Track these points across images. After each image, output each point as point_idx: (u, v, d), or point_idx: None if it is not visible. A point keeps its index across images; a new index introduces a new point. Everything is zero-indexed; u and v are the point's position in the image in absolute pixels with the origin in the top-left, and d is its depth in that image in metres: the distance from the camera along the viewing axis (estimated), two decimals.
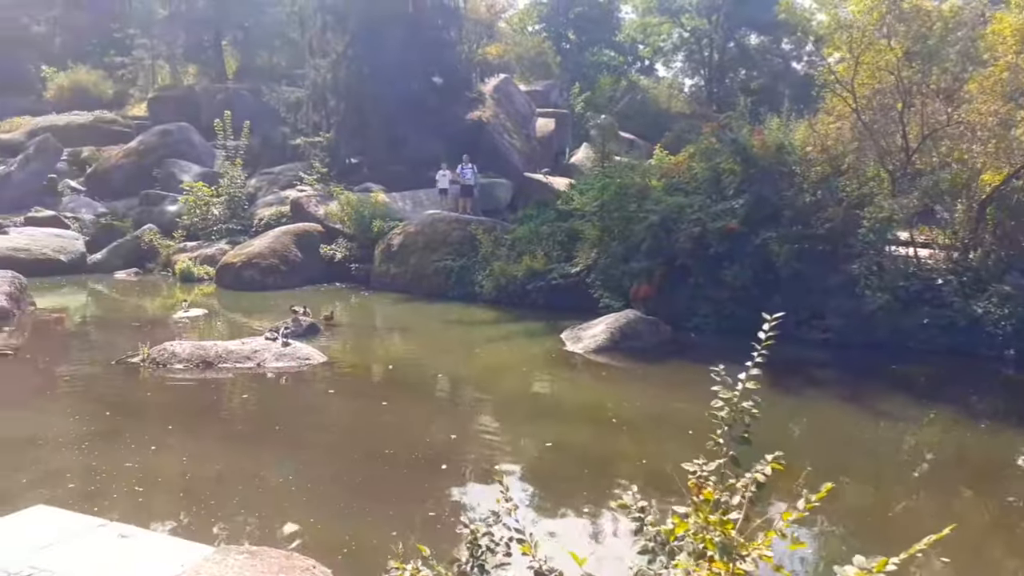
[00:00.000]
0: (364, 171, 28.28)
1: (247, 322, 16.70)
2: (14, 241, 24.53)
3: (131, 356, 11.63)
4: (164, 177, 30.42)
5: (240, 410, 9.45)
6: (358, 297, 20.61)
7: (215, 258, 23.66)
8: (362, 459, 7.53)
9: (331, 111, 30.25)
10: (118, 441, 7.76)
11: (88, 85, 43.33)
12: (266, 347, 11.88)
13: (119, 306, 19.41)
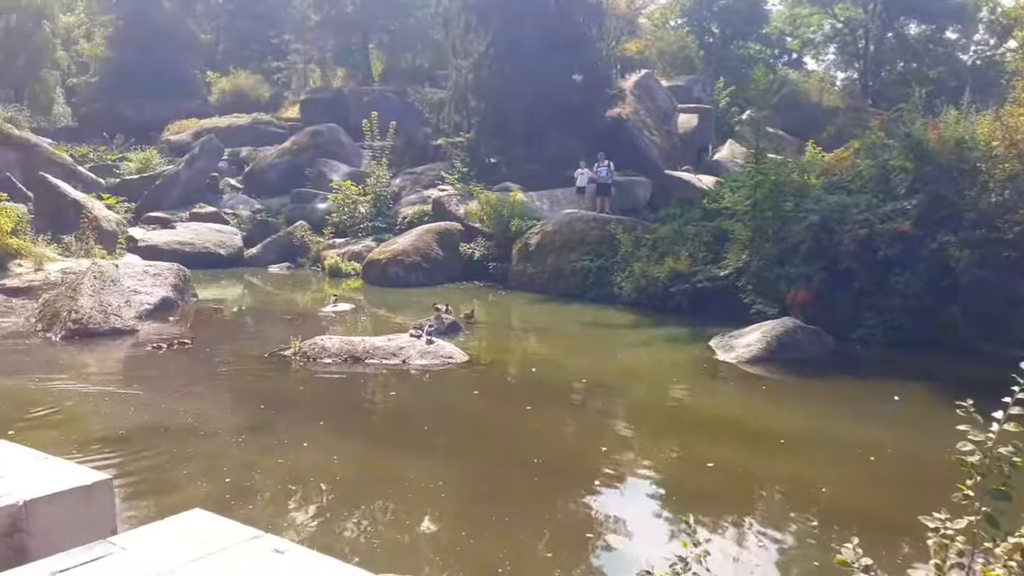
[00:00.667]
0: (503, 170, 28.32)
1: (391, 318, 16.98)
2: (180, 235, 26.31)
3: (283, 349, 11.97)
4: (315, 176, 31.80)
5: (388, 409, 9.44)
6: (495, 296, 20.58)
7: (361, 254, 24.40)
8: (513, 468, 7.23)
9: (472, 111, 30.55)
10: (272, 435, 7.87)
11: (247, 89, 45.94)
12: (411, 344, 11.91)
13: (272, 299, 20.30)
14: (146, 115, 41.30)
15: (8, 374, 10.39)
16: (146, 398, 9.18)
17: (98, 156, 36.18)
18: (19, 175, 28.02)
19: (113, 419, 8.30)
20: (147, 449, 7.32)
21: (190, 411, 8.57)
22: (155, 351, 12.04)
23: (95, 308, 13.33)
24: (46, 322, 13.22)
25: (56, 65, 45.44)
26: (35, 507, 4.08)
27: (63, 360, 11.55)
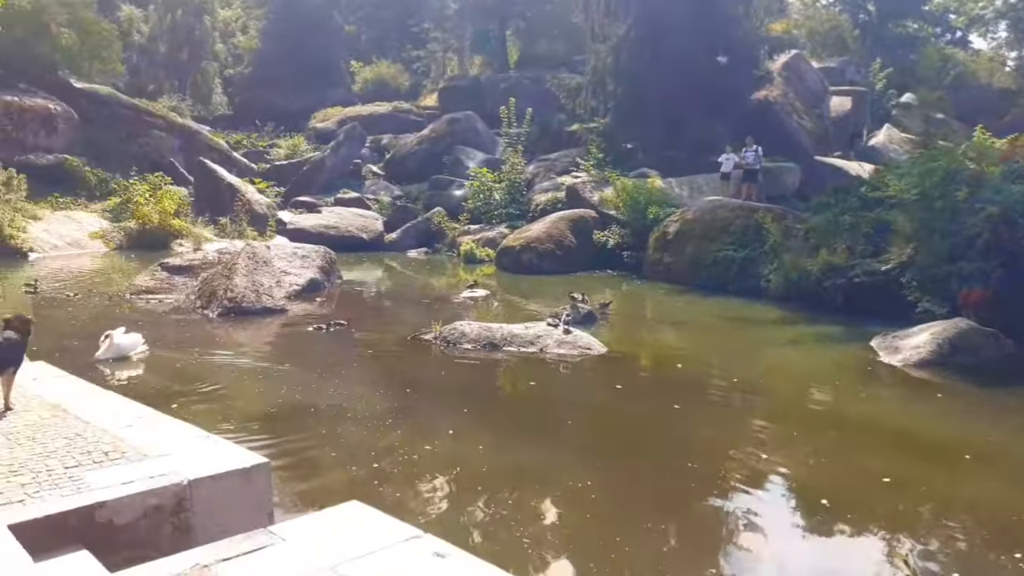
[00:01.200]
0: (639, 156, 27.61)
1: (525, 305, 16.86)
2: (325, 219, 27.36)
3: (424, 333, 12.05)
4: (452, 163, 32.27)
5: (529, 399, 9.20)
6: (629, 286, 20.08)
7: (495, 241, 24.50)
8: (666, 472, 6.82)
9: (609, 96, 30.01)
10: (418, 420, 7.83)
11: (388, 78, 47.20)
12: (548, 333, 11.69)
13: (410, 282, 20.70)
14: (294, 104, 43.18)
15: (171, 348, 10.98)
16: (297, 377, 9.42)
17: (251, 143, 38.28)
18: (182, 160, 30.06)
19: (266, 397, 8.54)
20: (298, 429, 7.46)
21: (338, 392, 8.70)
22: (316, 331, 12.32)
23: (248, 288, 13.94)
24: (204, 299, 13.95)
25: (215, 57, 48.35)
26: (199, 486, 4.11)
27: (220, 337, 12.13)
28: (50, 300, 14.64)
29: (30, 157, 24.72)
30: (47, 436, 5.01)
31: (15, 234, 20.52)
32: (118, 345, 9.97)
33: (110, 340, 9.87)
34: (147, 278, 15.57)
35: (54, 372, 7.45)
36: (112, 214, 25.22)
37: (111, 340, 9.88)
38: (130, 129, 29.74)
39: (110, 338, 9.87)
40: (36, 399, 6.08)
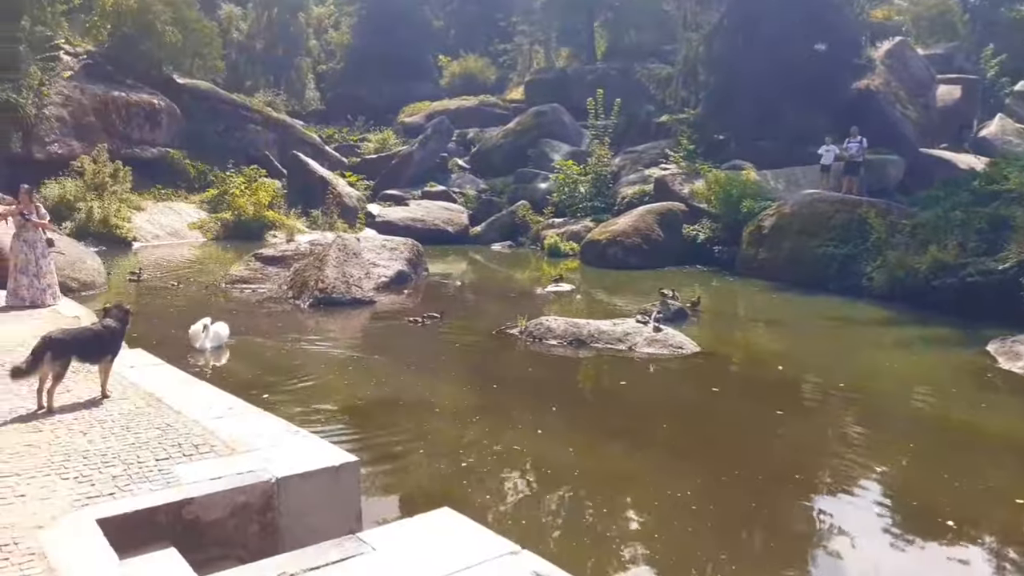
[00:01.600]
0: (731, 147, 26.73)
1: (610, 301, 16.49)
2: (412, 212, 27.61)
3: (509, 327, 11.87)
4: (537, 156, 32.02)
5: (621, 399, 8.83)
6: (720, 282, 19.40)
7: (580, 234, 24.16)
8: (773, 483, 6.34)
9: (700, 86, 29.17)
10: (506, 418, 7.63)
11: (475, 71, 47.30)
12: (637, 330, 11.32)
13: (494, 276, 20.60)
14: (383, 98, 43.75)
15: (264, 338, 11.15)
16: (385, 369, 9.38)
17: (341, 137, 39.00)
18: (276, 153, 30.86)
19: (355, 388, 8.51)
20: (386, 424, 7.38)
21: (426, 385, 8.60)
22: (411, 324, 12.28)
23: (339, 279, 14.08)
24: (296, 290, 14.18)
25: (308, 53, 49.51)
26: (287, 485, 4.00)
27: (310, 327, 12.26)
28: (151, 288, 15.18)
29: (135, 150, 25.83)
30: (140, 426, 5.04)
31: (120, 224, 21.44)
32: (217, 334, 10.13)
33: (208, 329, 10.01)
34: (242, 268, 15.95)
35: (151, 360, 7.60)
36: (210, 205, 26.11)
37: (209, 329, 10.01)
38: (228, 123, 30.74)
39: (207, 328, 10.00)
40: (132, 387, 6.18)
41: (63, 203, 20.77)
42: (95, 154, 22.37)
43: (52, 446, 4.59)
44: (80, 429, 4.94)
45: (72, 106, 24.17)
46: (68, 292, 13.33)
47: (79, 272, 14.19)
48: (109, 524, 3.43)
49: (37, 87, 22.52)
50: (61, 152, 23.09)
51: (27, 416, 5.31)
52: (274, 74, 46.04)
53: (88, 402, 5.81)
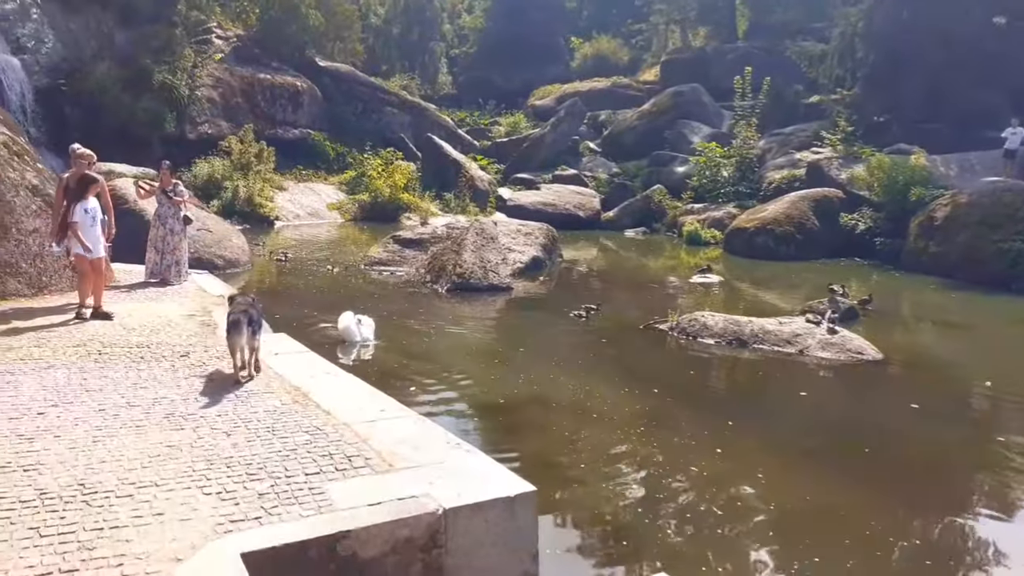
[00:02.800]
0: (893, 130, 24.47)
1: (763, 295, 15.21)
2: (543, 196, 26.96)
3: (658, 322, 10.97)
4: (674, 138, 30.61)
5: (804, 414, 7.61)
6: (882, 277, 17.63)
7: (722, 222, 22.77)
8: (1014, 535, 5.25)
9: (858, 64, 26.89)
10: (675, 431, 6.70)
11: (607, 53, 46.08)
12: (808, 331, 10.13)
13: (632, 264, 19.59)
14: (514, 82, 43.37)
15: (405, 323, 10.74)
16: (532, 364, 8.70)
17: (472, 120, 38.83)
18: (410, 136, 30.97)
19: (503, 386, 7.87)
20: (543, 431, 6.66)
21: (577, 385, 7.84)
22: (577, 319, 11.40)
23: (476, 264, 13.58)
24: (434, 274, 13.78)
25: (443, 37, 49.74)
26: (456, 518, 3.32)
27: (450, 314, 11.77)
28: (292, 268, 15.22)
29: (278, 131, 26.47)
30: (287, 428, 4.54)
31: (264, 203, 21.93)
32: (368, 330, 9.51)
33: (361, 323, 9.42)
34: (380, 250, 15.78)
35: (295, 347, 7.24)
36: (347, 187, 26.43)
37: (363, 323, 9.44)
38: (366, 105, 31.11)
39: (361, 322, 9.43)
40: (278, 380, 5.76)
41: (211, 182, 21.43)
42: (242, 134, 22.98)
43: (194, 449, 4.16)
44: (224, 429, 4.51)
45: (222, 88, 24.98)
46: (213, 269, 13.48)
47: (225, 250, 14.37)
48: (254, 559, 2.88)
49: (191, 69, 23.35)
50: (211, 132, 23.90)
51: (169, 407, 4.95)
52: (408, 58, 46.52)
53: (229, 385, 5.44)
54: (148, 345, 6.94)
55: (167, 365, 6.18)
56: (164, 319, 8.21)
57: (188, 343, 7.10)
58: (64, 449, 4.10)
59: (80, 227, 8.07)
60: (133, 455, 4.04)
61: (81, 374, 5.76)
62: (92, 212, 8.24)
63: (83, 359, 6.26)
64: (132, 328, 7.65)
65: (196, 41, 24.34)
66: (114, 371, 5.91)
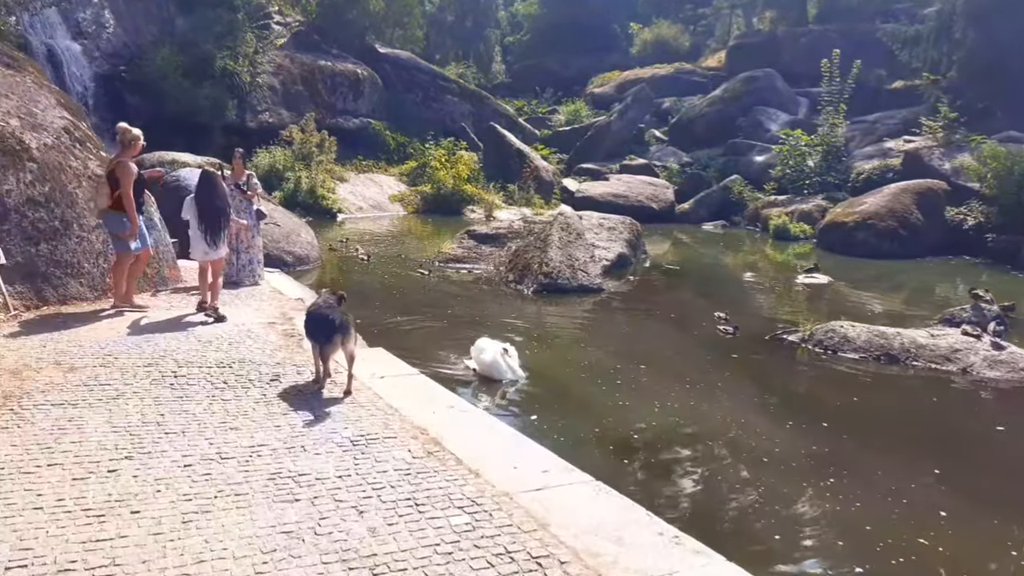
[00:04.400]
0: (997, 116, 22.52)
1: (879, 299, 13.68)
2: (613, 187, 25.57)
3: (786, 332, 9.64)
4: (749, 125, 28.96)
5: (994, 451, 6.35)
6: (999, 277, 15.92)
7: (811, 215, 21.18)
8: None
9: (956, 45, 24.88)
10: (871, 483, 5.23)
11: (668, 38, 44.42)
12: (968, 346, 8.72)
13: (717, 261, 18.17)
14: (571, 69, 42.04)
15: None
16: (659, 384, 7.45)
17: (530, 109, 37.54)
18: (471, 125, 29.82)
19: (638, 415, 6.60)
20: (704, 477, 5.43)
21: (727, 416, 6.56)
22: (724, 334, 9.71)
23: (563, 262, 12.38)
24: (517, 272, 12.63)
25: (497, 24, 48.51)
26: None
27: (547, 320, 10.58)
28: (364, 265, 14.20)
29: (339, 120, 25.56)
30: (433, 500, 3.42)
31: (326, 195, 21.03)
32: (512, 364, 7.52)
33: (507, 354, 7.50)
34: (455, 246, 14.68)
35: (399, 366, 6.14)
36: (409, 178, 25.43)
37: (509, 354, 7.52)
38: (426, 93, 30.04)
39: (507, 352, 7.48)
40: (394, 416, 4.65)
41: (272, 172, 20.60)
42: (303, 123, 22.12)
43: (319, 537, 3.05)
44: (351, 501, 3.40)
45: (283, 75, 24.13)
46: (283, 267, 12.56)
47: (293, 245, 13.41)
48: None
49: (252, 55, 22.54)
50: (271, 121, 23.08)
51: (272, 461, 3.87)
52: (462, 47, 45.47)
53: (337, 423, 4.34)
54: (230, 364, 5.91)
55: (257, 394, 5.13)
56: (242, 329, 7.20)
57: (275, 362, 6.06)
58: (146, 536, 3.04)
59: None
60: (239, 548, 2.95)
61: (157, 407, 4.74)
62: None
63: (157, 384, 5.25)
64: (208, 341, 6.65)
65: (256, 26, 23.51)
66: (196, 403, 4.87)
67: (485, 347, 7.48)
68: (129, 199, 7.50)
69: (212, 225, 7.64)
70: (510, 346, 7.57)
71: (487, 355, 7.41)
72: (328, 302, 5.60)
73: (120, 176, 7.49)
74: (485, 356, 7.43)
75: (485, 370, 7.41)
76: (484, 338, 7.73)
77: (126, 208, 7.50)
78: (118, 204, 7.50)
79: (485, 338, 7.73)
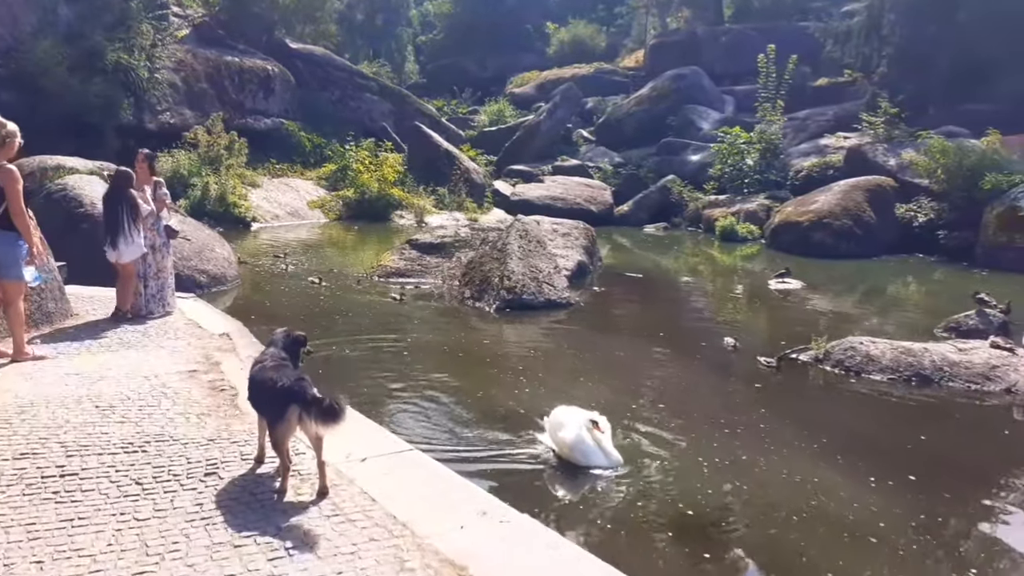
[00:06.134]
0: (930, 113, 22.45)
1: (860, 304, 12.86)
2: (550, 189, 24.32)
3: (795, 351, 8.47)
4: (680, 124, 28.33)
5: None
6: (956, 275, 15.50)
7: (756, 215, 20.48)
8: None
9: (884, 41, 24.84)
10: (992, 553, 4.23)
11: (585, 38, 43.99)
12: (1003, 360, 7.75)
13: (674, 266, 17.10)
14: (488, 70, 41.14)
15: (478, 364, 8.04)
16: (698, 432, 5.99)
17: (451, 109, 36.06)
18: (392, 126, 28.01)
19: (689, 479, 5.02)
20: (807, 570, 4.08)
21: (791, 471, 5.17)
22: (767, 366, 8.08)
23: (526, 274, 10.93)
24: (474, 288, 11.09)
25: (409, 23, 46.88)
26: None
27: (523, 345, 9.03)
28: (293, 283, 12.33)
29: (248, 120, 23.33)
30: None
31: (238, 202, 18.91)
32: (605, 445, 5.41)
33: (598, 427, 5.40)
34: (396, 258, 13.00)
35: (383, 440, 4.53)
36: (328, 182, 23.45)
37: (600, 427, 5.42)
38: (343, 92, 28.02)
39: (597, 425, 5.39)
40: (404, 536, 3.06)
41: (176, 178, 18.32)
42: (210, 124, 19.90)
43: None
44: None
45: (185, 71, 21.73)
46: (196, 289, 10.65)
47: (207, 262, 11.46)
48: None
49: (149, 48, 20.10)
50: (173, 122, 20.69)
51: None
52: (373, 46, 43.64)
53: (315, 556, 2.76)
54: (143, 446, 4.19)
55: (188, 504, 3.46)
56: (156, 384, 5.44)
57: (206, 437, 4.38)
58: None
59: None
60: None
61: (30, 540, 3.01)
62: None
63: (36, 488, 3.50)
64: (110, 406, 4.88)
65: (152, 18, 21.04)
66: (95, 528, 3.17)
67: (565, 420, 5.45)
68: (22, 213, 5.68)
69: (110, 223, 7.31)
70: (601, 417, 5.46)
71: (568, 432, 5.36)
72: (279, 356, 3.98)
73: (5, 184, 5.64)
74: (566, 434, 5.36)
75: (568, 454, 5.37)
76: (562, 407, 5.69)
77: (18, 225, 5.70)
78: (4, 221, 5.68)
79: (563, 407, 5.69)
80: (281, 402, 3.51)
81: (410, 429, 5.65)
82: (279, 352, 3.98)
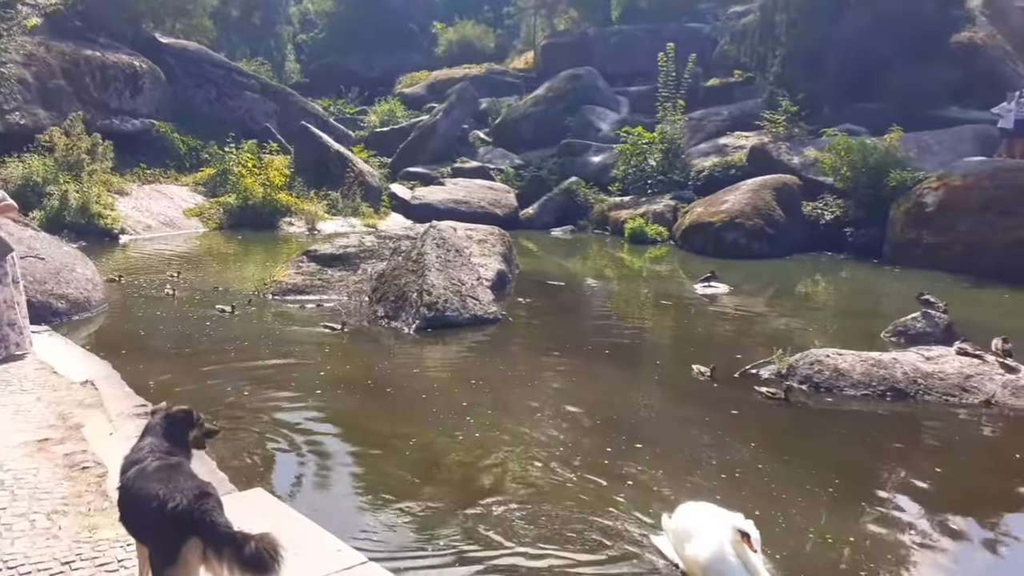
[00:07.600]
0: (824, 112, 22.76)
1: (797, 308, 12.40)
2: (453, 193, 23.16)
3: (759, 367, 7.70)
4: (578, 125, 27.77)
5: None
6: (865, 273, 15.54)
7: (664, 216, 20.05)
8: None
9: (776, 41, 25.12)
10: None
11: (473, 39, 43.19)
12: (977, 369, 7.24)
13: (590, 271, 16.38)
14: (374, 69, 39.68)
15: (410, 400, 6.80)
16: (680, 477, 5.06)
17: (337, 109, 34.29)
18: (276, 126, 26.06)
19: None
20: None
21: (801, 518, 4.31)
22: (771, 400, 6.89)
23: (448, 288, 9.75)
24: (388, 305, 9.80)
25: (289, 21, 44.60)
26: None
27: (457, 374, 7.80)
28: (172, 306, 10.61)
29: (113, 121, 20.89)
30: None
31: (103, 212, 16.70)
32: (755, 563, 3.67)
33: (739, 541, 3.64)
34: (292, 272, 11.47)
35: (323, 548, 3.28)
36: (207, 188, 21.36)
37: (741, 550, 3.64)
38: (220, 90, 25.76)
39: (743, 541, 3.63)
40: None
41: (29, 187, 15.98)
42: (68, 125, 17.55)
43: None
44: None
45: (36, 66, 19.13)
46: (53, 318, 8.90)
47: (66, 286, 9.63)
48: None
49: None
50: (24, 123, 18.11)
51: None
52: (251, 44, 41.14)
53: None
54: None
55: None
56: None
57: (58, 557, 2.99)
58: None
59: None
60: None
61: None
62: None
63: None
64: None
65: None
66: None
67: (697, 529, 3.80)
68: None
69: None
70: (751, 527, 3.65)
71: (702, 547, 3.70)
72: (161, 449, 2.67)
73: None
74: (699, 549, 3.71)
75: (694, 569, 3.75)
76: (690, 505, 4.07)
77: None
78: None
79: (692, 506, 4.06)
80: (174, 534, 2.23)
81: (337, 512, 4.37)
82: (161, 442, 2.66)
